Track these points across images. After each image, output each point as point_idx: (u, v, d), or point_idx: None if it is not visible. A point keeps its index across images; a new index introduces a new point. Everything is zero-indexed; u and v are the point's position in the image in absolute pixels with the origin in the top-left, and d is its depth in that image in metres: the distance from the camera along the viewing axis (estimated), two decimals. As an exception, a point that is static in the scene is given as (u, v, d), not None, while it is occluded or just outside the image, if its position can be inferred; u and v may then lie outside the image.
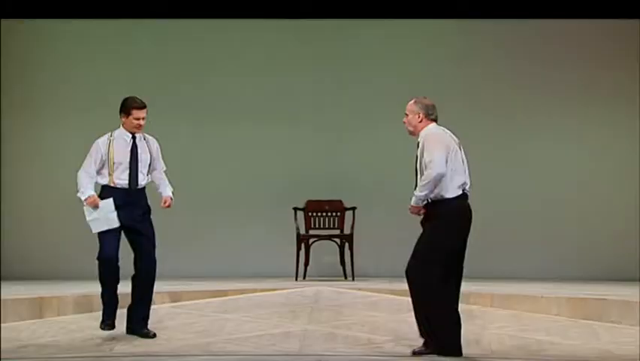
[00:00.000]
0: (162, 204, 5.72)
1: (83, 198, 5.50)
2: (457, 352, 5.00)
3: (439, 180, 4.89)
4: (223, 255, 8.78)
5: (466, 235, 5.03)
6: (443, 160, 4.89)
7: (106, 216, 5.48)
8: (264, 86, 8.93)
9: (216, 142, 8.93)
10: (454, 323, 4.99)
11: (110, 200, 5.50)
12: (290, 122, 8.93)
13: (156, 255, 5.67)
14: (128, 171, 5.53)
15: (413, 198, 4.98)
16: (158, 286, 7.22)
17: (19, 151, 8.82)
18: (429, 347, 5.07)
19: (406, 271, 5.03)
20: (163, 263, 8.65)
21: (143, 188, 5.62)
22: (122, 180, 5.53)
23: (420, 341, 5.14)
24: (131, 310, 5.68)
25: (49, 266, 8.46)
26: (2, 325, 6.27)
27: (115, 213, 5.50)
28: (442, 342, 4.98)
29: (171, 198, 5.74)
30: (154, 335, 5.65)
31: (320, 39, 8.83)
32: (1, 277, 7.13)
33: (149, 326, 5.68)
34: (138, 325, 5.64)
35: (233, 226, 8.83)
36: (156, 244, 5.68)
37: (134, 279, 5.64)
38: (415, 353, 5.13)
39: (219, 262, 8.75)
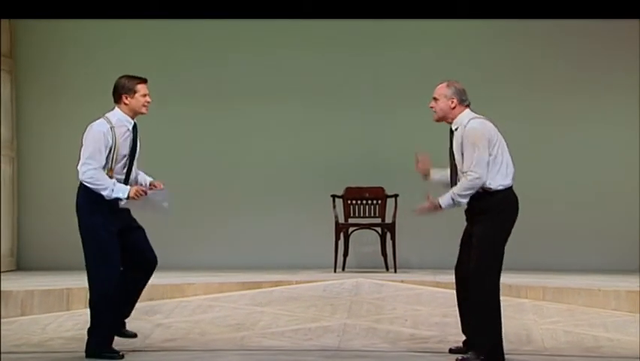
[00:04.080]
0: (157, 186, 5.16)
1: (122, 197, 4.95)
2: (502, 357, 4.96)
3: (480, 185, 4.89)
4: (257, 245, 8.80)
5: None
6: (485, 163, 4.87)
7: (153, 205, 5.04)
8: (301, 67, 8.89)
9: (250, 126, 8.93)
10: (500, 326, 4.95)
11: (165, 191, 5.07)
12: (329, 105, 8.89)
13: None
14: (127, 164, 5.06)
15: (448, 200, 4.92)
16: (191, 278, 7.33)
17: (43, 139, 8.91)
18: (467, 346, 5.05)
19: (468, 276, 4.96)
20: (194, 254, 8.83)
21: None
22: (121, 175, 5.04)
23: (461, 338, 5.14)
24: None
25: (77, 257, 8.52)
26: (28, 317, 6.40)
27: (167, 204, 5.07)
28: (491, 348, 4.91)
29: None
30: (135, 335, 5.27)
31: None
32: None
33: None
34: (121, 324, 5.20)
35: (268, 214, 8.84)
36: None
37: (127, 275, 5.08)
38: (452, 351, 5.15)
39: (253, 252, 8.77)
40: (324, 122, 8.90)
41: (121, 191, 4.97)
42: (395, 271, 8.07)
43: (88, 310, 5.15)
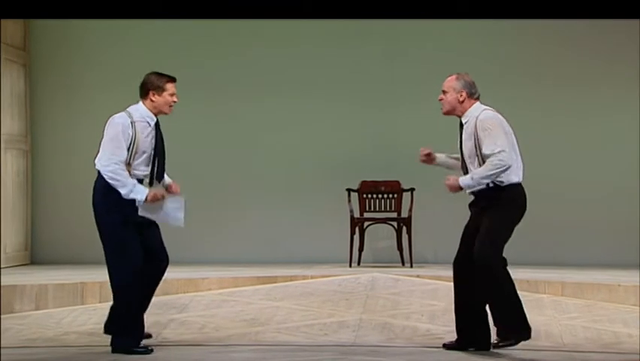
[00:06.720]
0: (174, 190, 5.18)
1: (140, 198, 4.96)
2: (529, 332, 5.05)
3: (506, 164, 4.89)
4: (272, 239, 8.80)
5: None
6: (509, 149, 4.91)
7: (168, 213, 5.03)
8: (316, 62, 8.86)
9: (265, 120, 8.92)
10: (520, 305, 5.05)
11: (182, 199, 5.08)
12: (343, 98, 8.87)
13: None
14: (150, 162, 5.06)
15: (468, 180, 4.94)
16: (205, 273, 7.34)
17: (57, 133, 8.92)
18: (461, 343, 5.14)
19: (467, 273, 5.03)
20: (208, 248, 8.84)
21: None
22: (139, 171, 5.06)
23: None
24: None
25: (91, 251, 8.57)
26: (43, 311, 6.44)
27: (183, 215, 5.07)
28: (518, 327, 5.00)
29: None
30: (150, 335, 5.35)
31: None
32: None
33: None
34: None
35: (282, 208, 8.84)
36: None
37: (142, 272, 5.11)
38: (445, 346, 5.21)
39: (268, 246, 8.77)
40: (340, 116, 8.88)
41: (139, 192, 4.98)
42: (411, 266, 8.06)
43: (108, 306, 5.17)
